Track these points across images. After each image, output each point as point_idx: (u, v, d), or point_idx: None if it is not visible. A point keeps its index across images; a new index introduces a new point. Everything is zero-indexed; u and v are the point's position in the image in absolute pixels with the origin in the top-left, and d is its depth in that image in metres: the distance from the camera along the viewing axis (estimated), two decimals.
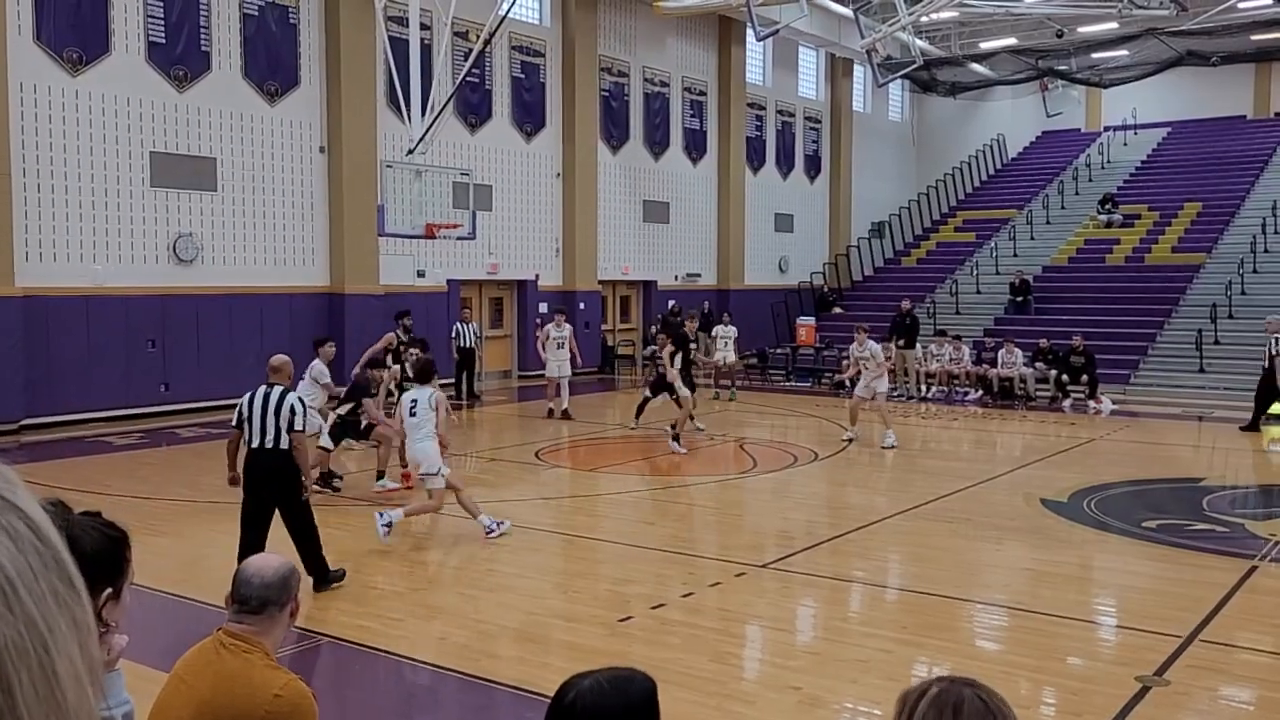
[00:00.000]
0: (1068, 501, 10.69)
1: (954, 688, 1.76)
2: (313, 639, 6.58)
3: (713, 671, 6.00)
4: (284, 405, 7.26)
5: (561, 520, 10.27)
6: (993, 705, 1.73)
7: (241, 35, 17.45)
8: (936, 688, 1.76)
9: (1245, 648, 6.58)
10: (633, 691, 2.01)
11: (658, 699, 2.03)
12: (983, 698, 1.74)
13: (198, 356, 16.70)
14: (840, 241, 32.00)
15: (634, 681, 2.03)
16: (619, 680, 2.02)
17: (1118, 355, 20.89)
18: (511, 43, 21.89)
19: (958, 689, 1.75)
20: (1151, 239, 26.57)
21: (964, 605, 7.41)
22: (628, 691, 2.00)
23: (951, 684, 1.77)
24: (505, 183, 22.07)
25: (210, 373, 16.62)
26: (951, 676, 1.81)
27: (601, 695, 1.98)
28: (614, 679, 2.02)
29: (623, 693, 1.99)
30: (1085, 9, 25.22)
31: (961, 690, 1.75)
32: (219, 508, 10.02)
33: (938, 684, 1.77)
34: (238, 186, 17.54)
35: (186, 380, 16.53)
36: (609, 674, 2.04)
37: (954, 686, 1.76)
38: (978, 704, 1.73)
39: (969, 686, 1.76)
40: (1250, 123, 32.65)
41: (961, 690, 1.75)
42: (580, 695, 1.98)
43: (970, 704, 1.73)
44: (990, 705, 1.73)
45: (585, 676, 2.03)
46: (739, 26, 26.40)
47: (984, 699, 1.73)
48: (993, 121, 35.70)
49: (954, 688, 1.76)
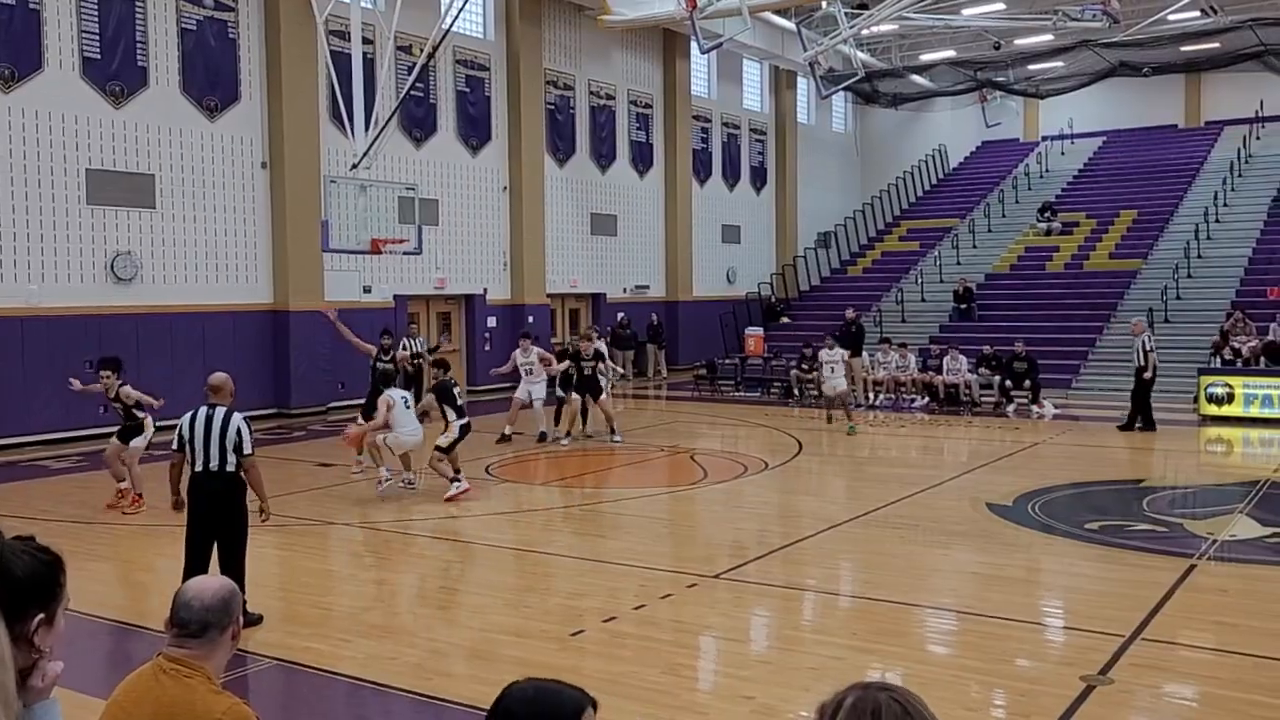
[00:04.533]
0: (1013, 505, 10.85)
1: (870, 694, 1.74)
2: (260, 661, 6.46)
3: (665, 683, 5.99)
4: (229, 428, 7.07)
5: (513, 535, 10.21)
6: (910, 709, 1.73)
7: (180, 50, 17.20)
8: (853, 696, 1.75)
9: (1186, 645, 6.71)
10: (560, 702, 2.02)
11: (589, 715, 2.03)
12: (899, 701, 1.73)
13: (138, 377, 16.24)
14: (787, 252, 32.28)
15: (564, 694, 2.04)
16: (548, 692, 2.03)
17: (1059, 360, 21.28)
18: (455, 56, 21.83)
19: (873, 695, 1.74)
20: (1089, 246, 27.15)
21: (914, 610, 7.48)
22: (555, 703, 2.01)
23: (867, 690, 1.75)
24: (451, 197, 21.96)
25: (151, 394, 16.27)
26: (867, 683, 1.79)
27: (527, 702, 2.00)
28: (544, 689, 2.03)
29: (550, 703, 2.00)
30: (1021, 21, 25.76)
31: (877, 695, 1.73)
32: (161, 531, 9.83)
33: (853, 692, 1.76)
34: (177, 203, 17.26)
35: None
36: (542, 684, 2.05)
37: (869, 692, 1.75)
38: (895, 708, 1.72)
39: (884, 691, 1.75)
40: (1182, 131, 33.54)
41: (877, 695, 1.73)
42: (507, 697, 2.01)
43: (887, 709, 1.72)
44: (908, 709, 1.73)
45: (521, 683, 2.04)
46: (683, 40, 26.57)
47: (900, 702, 1.73)
48: (934, 132, 36.29)
49: (870, 694, 1.74)
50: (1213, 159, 30.49)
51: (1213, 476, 13.70)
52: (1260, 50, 26.35)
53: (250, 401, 16.91)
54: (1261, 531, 9.65)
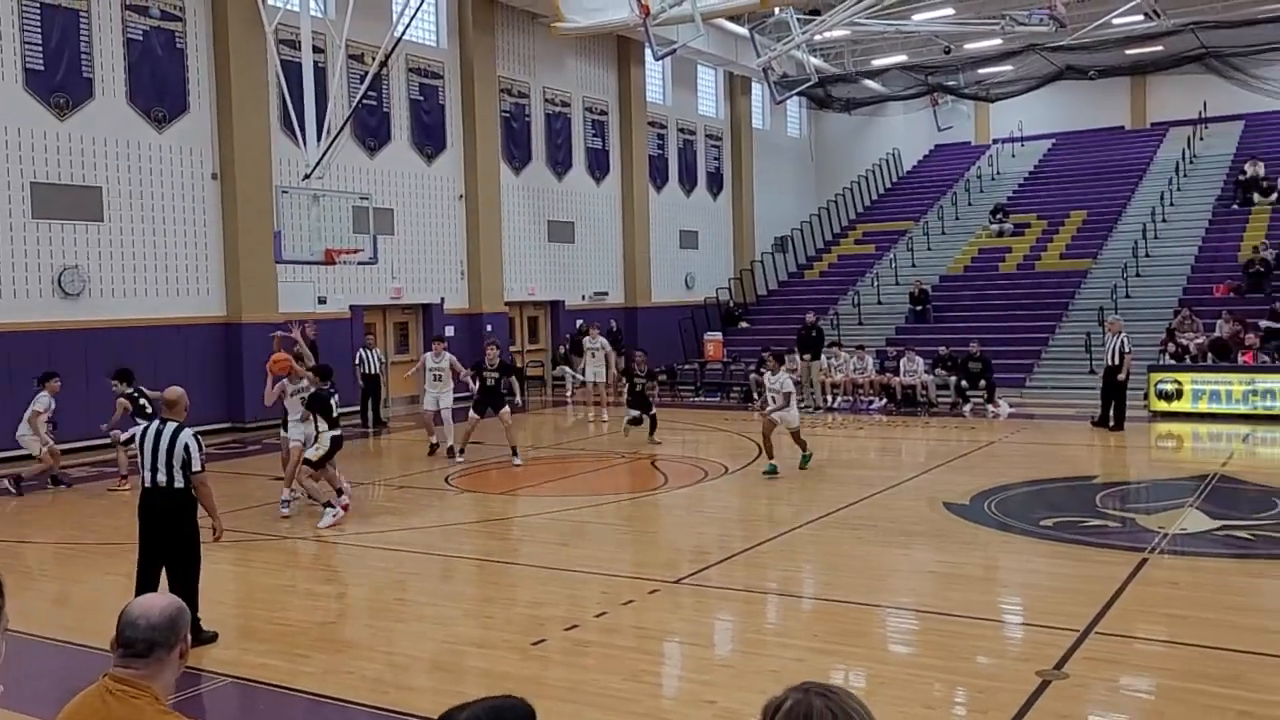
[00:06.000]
0: (969, 504, 10.97)
1: (806, 698, 1.79)
2: (215, 679, 6.36)
3: (628, 690, 5.98)
4: (177, 444, 6.96)
5: (473, 545, 10.14)
6: (842, 713, 1.76)
7: (126, 61, 16.94)
8: (791, 698, 1.79)
9: (1140, 638, 6.81)
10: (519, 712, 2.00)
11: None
12: (832, 707, 1.77)
13: (87, 394, 16.05)
14: (744, 257, 32.43)
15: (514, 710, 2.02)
16: (497, 711, 2.01)
17: (1013, 360, 21.57)
18: (409, 65, 21.70)
19: (809, 699, 1.78)
20: (1041, 247, 27.55)
21: (874, 610, 7.53)
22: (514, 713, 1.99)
23: (805, 694, 1.80)
24: (407, 206, 21.83)
25: (101, 410, 15.95)
26: (807, 685, 1.83)
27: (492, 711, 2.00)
28: (492, 709, 2.01)
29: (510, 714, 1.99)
30: (970, 26, 26.12)
31: (812, 700, 1.78)
32: (111, 550, 9.66)
33: (793, 694, 1.80)
34: (126, 216, 16.99)
35: (75, 419, 15.86)
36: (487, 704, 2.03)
37: (807, 696, 1.79)
38: (827, 715, 1.76)
39: (821, 696, 1.79)
40: (1128, 133, 34.16)
41: (812, 700, 1.78)
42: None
43: (819, 714, 1.76)
44: (840, 713, 1.76)
45: (463, 709, 2.01)
46: (637, 46, 26.63)
47: (833, 708, 1.77)
48: (887, 136, 36.66)
49: (806, 698, 1.79)
50: (1158, 159, 31.10)
51: (1163, 471, 13.94)
52: (1202, 53, 26.93)
53: (204, 415, 16.69)
54: (1211, 525, 9.83)
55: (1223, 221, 26.18)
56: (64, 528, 10.93)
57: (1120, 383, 16.40)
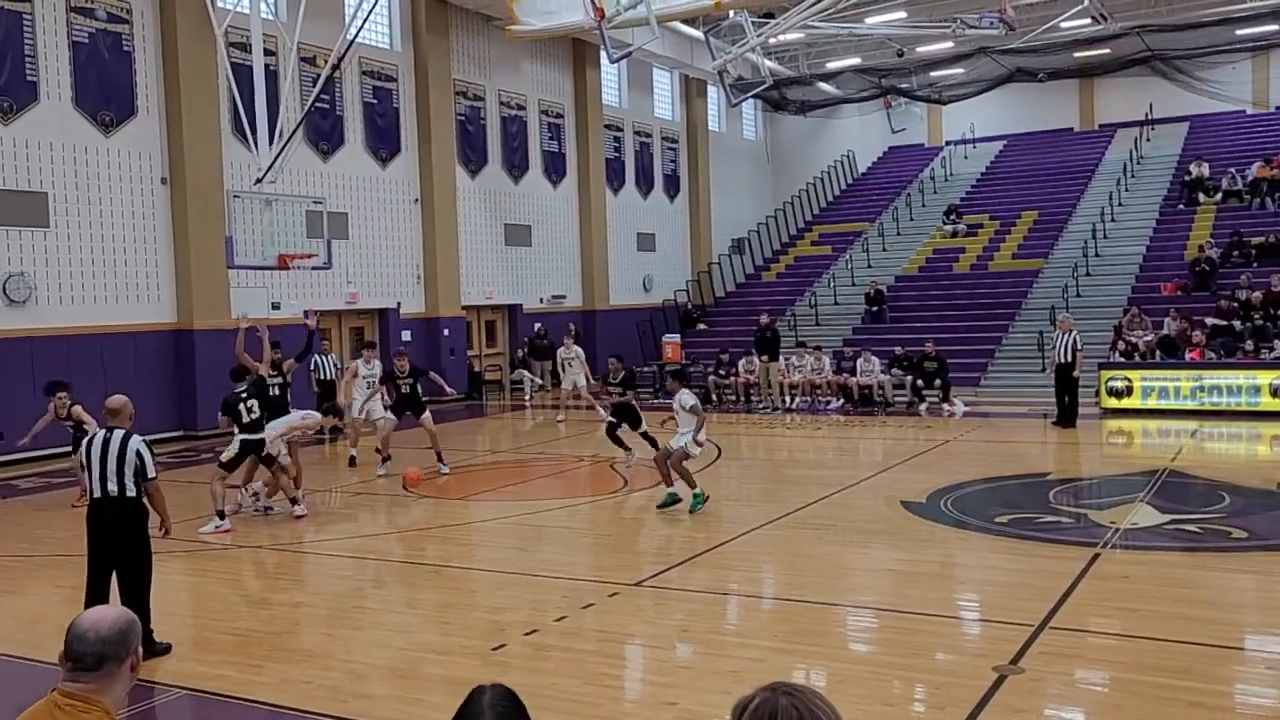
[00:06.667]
0: (926, 502, 11.07)
1: (773, 697, 1.81)
2: (169, 692, 6.25)
3: (588, 694, 5.97)
4: (127, 452, 6.84)
5: (432, 551, 10.07)
6: (808, 712, 1.78)
7: (71, 64, 16.64)
8: (759, 698, 1.82)
9: (1093, 632, 6.92)
10: None
11: None
12: (798, 705, 1.79)
13: (34, 403, 15.72)
14: (702, 259, 32.53)
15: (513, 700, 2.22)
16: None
17: (968, 359, 21.82)
18: (362, 67, 21.52)
19: (775, 698, 1.81)
20: (994, 247, 27.91)
21: (834, 609, 7.57)
22: None
23: (773, 693, 1.82)
24: (362, 210, 21.64)
25: None
26: (775, 685, 1.85)
27: None
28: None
29: None
30: (922, 30, 26.42)
31: (779, 699, 1.80)
32: (60, 562, 9.47)
33: (761, 694, 1.82)
34: (73, 222, 16.68)
35: (23, 428, 15.54)
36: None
37: (774, 695, 1.81)
38: (792, 713, 1.78)
39: (787, 695, 1.81)
40: (1078, 134, 34.74)
41: (779, 699, 1.80)
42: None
43: (785, 713, 1.78)
44: (804, 714, 1.78)
45: None
46: (593, 49, 26.61)
47: (798, 706, 1.79)
48: (842, 138, 36.97)
49: (773, 697, 1.81)
50: (1107, 160, 31.65)
51: (1114, 467, 14.17)
52: (1147, 55, 27.45)
53: (155, 424, 16.43)
54: (1161, 519, 10.01)
55: (1169, 221, 26.69)
56: (9, 540, 10.69)
57: (1074, 380, 16.66)
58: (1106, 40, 27.92)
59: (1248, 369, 17.79)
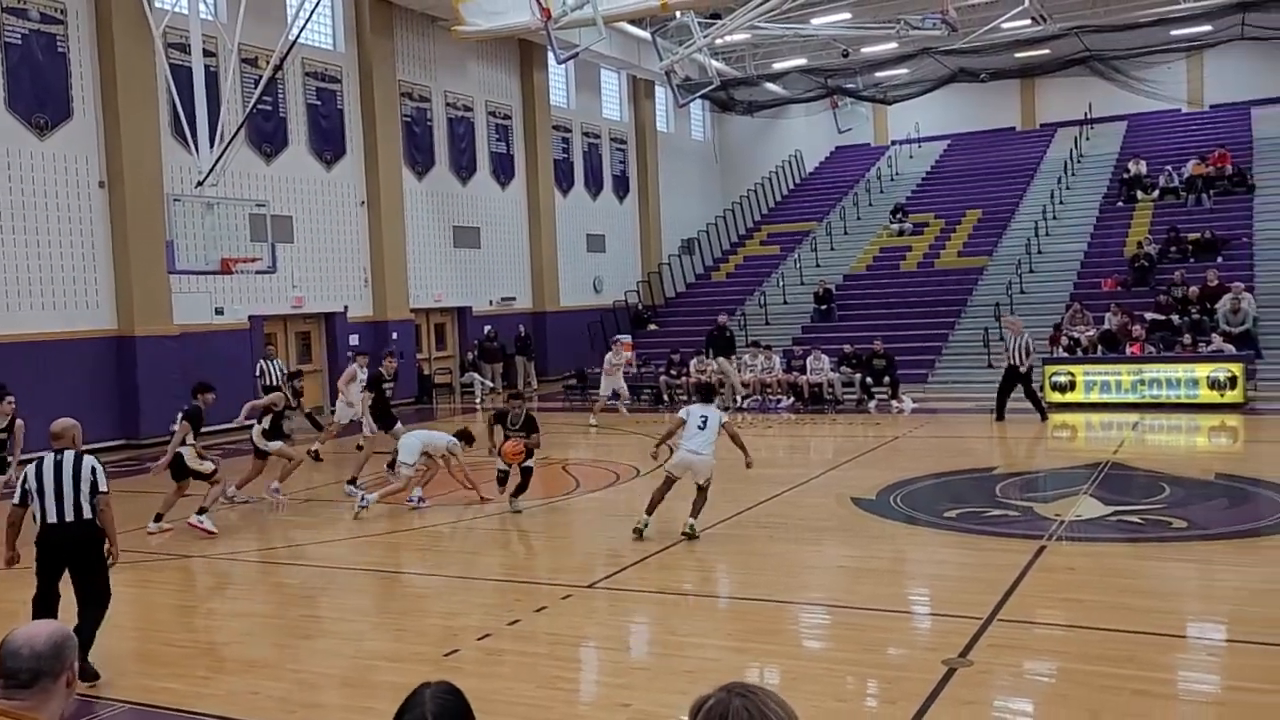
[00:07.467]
0: (876, 498, 11.18)
1: (727, 698, 1.83)
2: (112, 706, 6.11)
3: (541, 697, 5.93)
4: (82, 469, 6.58)
5: (383, 558, 9.96)
6: (759, 713, 1.80)
7: (4, 66, 16.23)
8: (713, 698, 1.83)
9: (1040, 623, 7.02)
10: None
11: None
12: (749, 707, 1.80)
13: None
14: (652, 259, 32.57)
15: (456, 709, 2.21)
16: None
17: (915, 356, 22.08)
18: (305, 69, 21.25)
19: (729, 699, 1.82)
20: (939, 245, 28.28)
21: (787, 607, 7.61)
22: None
23: (727, 694, 1.84)
24: (306, 213, 21.36)
25: None
26: (730, 685, 1.86)
27: None
28: None
29: None
30: (866, 30, 26.69)
31: (732, 700, 1.82)
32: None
33: (716, 694, 1.84)
34: (6, 227, 16.27)
35: None
36: None
37: (727, 696, 1.83)
38: (743, 714, 1.80)
39: (741, 696, 1.83)
40: (1020, 134, 35.32)
41: (732, 700, 1.82)
42: None
43: (736, 714, 1.80)
44: (756, 714, 1.80)
45: None
46: (540, 50, 26.53)
47: (750, 707, 1.80)
48: (789, 138, 37.22)
49: (727, 698, 1.83)
50: (1048, 159, 32.22)
51: (1059, 461, 14.41)
52: (1086, 56, 28.01)
53: (97, 433, 16.06)
54: (1104, 510, 10.20)
55: (1109, 218, 27.23)
56: None
57: (1025, 376, 16.92)
58: (1046, 41, 28.43)
59: (1186, 362, 18.21)
